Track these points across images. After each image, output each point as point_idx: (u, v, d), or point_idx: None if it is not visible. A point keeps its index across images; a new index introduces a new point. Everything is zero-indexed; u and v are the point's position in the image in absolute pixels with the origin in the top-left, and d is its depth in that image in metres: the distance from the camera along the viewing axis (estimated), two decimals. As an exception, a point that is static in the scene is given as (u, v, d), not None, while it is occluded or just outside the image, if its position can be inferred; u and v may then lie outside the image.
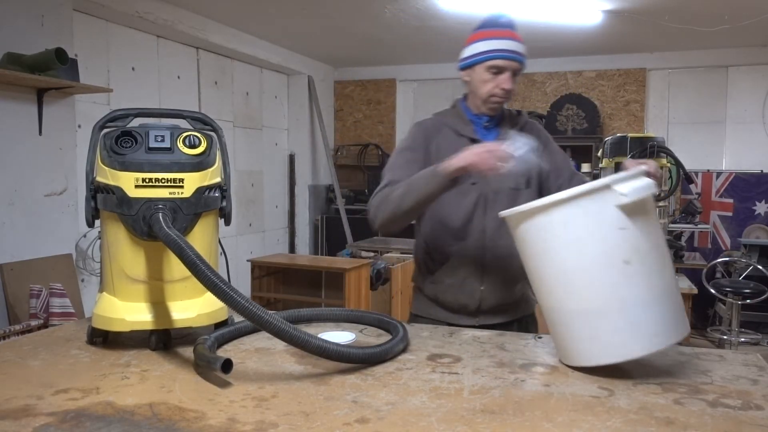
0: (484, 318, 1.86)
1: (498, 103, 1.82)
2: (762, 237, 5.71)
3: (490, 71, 1.78)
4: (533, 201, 1.29)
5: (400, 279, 4.70)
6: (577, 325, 1.26)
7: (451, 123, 1.89)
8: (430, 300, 1.92)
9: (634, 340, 1.21)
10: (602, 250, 1.22)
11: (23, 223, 3.46)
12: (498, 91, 1.79)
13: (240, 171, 5.92)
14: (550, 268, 1.28)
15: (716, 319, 5.46)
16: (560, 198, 1.23)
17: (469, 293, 1.84)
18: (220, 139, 1.48)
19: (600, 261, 1.22)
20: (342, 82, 7.51)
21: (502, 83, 1.77)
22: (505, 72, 1.77)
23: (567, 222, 1.23)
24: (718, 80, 6.20)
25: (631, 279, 1.21)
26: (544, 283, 1.31)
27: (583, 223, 1.22)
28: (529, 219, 1.28)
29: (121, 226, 1.36)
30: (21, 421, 1.00)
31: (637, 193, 1.19)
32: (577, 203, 1.22)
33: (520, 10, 4.73)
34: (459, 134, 1.86)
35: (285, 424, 0.99)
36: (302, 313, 1.63)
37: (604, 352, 1.23)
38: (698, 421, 1.02)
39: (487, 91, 1.80)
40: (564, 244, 1.24)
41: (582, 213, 1.22)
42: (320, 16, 5.01)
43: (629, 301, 1.21)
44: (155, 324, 1.38)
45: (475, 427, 0.99)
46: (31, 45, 3.38)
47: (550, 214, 1.24)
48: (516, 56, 1.77)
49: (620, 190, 1.19)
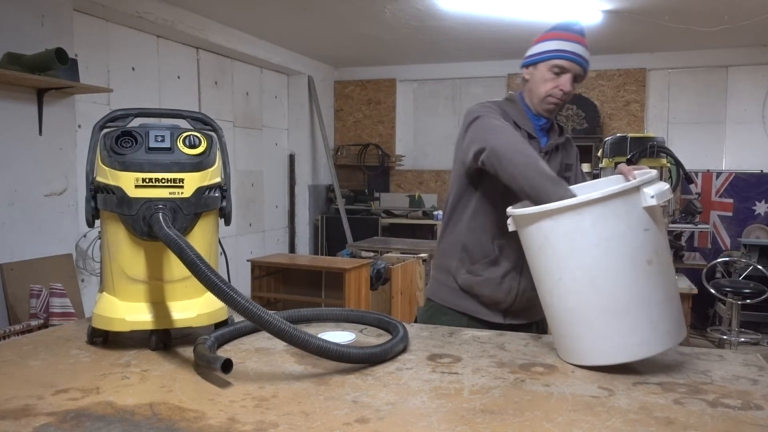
0: (512, 317, 1.88)
1: (554, 104, 1.82)
2: (762, 237, 5.71)
3: (553, 71, 1.78)
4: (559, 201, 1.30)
5: (400, 279, 4.70)
6: (597, 324, 1.27)
7: (511, 113, 1.85)
8: (462, 291, 1.90)
9: (651, 338, 1.25)
10: (628, 250, 1.24)
11: (23, 223, 3.46)
12: (557, 92, 1.79)
13: (240, 171, 5.92)
14: (575, 266, 1.28)
15: (716, 319, 5.46)
16: (593, 198, 1.25)
17: (506, 290, 1.85)
18: (220, 139, 1.48)
19: (625, 261, 1.24)
20: (342, 82, 7.51)
21: (562, 84, 1.78)
22: (567, 73, 1.78)
23: (596, 222, 1.24)
24: (718, 80, 6.20)
25: (651, 279, 1.25)
26: (563, 282, 1.30)
27: (613, 223, 1.24)
28: (556, 217, 1.28)
29: (121, 226, 1.36)
30: (21, 421, 1.00)
31: (663, 196, 1.23)
32: (608, 204, 1.23)
33: (520, 10, 4.73)
34: (518, 126, 1.83)
35: (285, 424, 0.99)
36: (302, 313, 1.63)
37: (621, 351, 1.25)
38: (698, 421, 1.02)
39: (546, 90, 1.80)
40: (592, 243, 1.25)
41: (612, 213, 1.24)
42: (320, 16, 5.01)
43: (650, 300, 1.25)
44: (155, 324, 1.38)
45: (475, 427, 0.99)
46: (31, 45, 3.38)
47: (580, 213, 1.25)
48: (581, 60, 1.78)
49: (648, 192, 1.22)
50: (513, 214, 1.39)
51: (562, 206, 1.27)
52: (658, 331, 1.25)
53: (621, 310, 1.25)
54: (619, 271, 1.25)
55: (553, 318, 1.36)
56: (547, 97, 1.80)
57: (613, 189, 1.25)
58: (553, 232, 1.29)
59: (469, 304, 1.90)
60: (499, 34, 5.29)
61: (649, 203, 1.22)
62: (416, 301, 4.92)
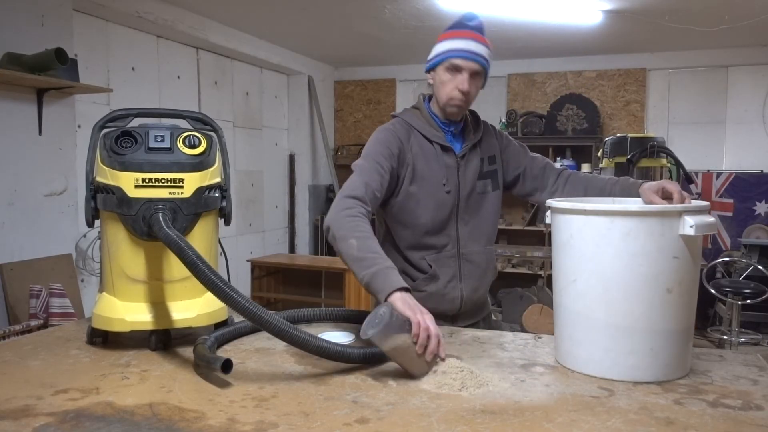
0: (461, 321, 1.84)
1: (457, 106, 1.73)
2: (762, 237, 5.71)
3: (449, 72, 1.71)
4: (593, 200, 1.28)
5: (400, 279, 4.69)
6: (599, 334, 1.25)
7: (420, 127, 1.78)
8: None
9: (648, 365, 1.22)
10: (650, 272, 1.21)
11: (23, 223, 3.46)
12: (456, 93, 1.70)
13: (240, 171, 5.92)
14: (592, 272, 1.26)
15: (716, 319, 5.46)
16: (629, 209, 1.24)
17: (450, 300, 1.79)
18: (220, 139, 1.48)
19: (644, 282, 1.22)
20: (342, 82, 7.51)
21: (459, 83, 1.69)
22: (462, 72, 1.69)
23: (626, 234, 1.21)
24: (718, 80, 6.20)
25: (666, 307, 1.22)
26: (576, 285, 1.29)
27: (643, 241, 1.21)
28: (587, 218, 1.27)
29: (121, 226, 1.36)
30: (21, 421, 1.00)
31: (704, 229, 1.19)
32: (643, 220, 1.21)
33: (520, 11, 4.73)
34: (430, 140, 1.77)
35: (285, 424, 0.99)
36: (302, 313, 1.63)
37: (614, 368, 1.23)
38: (698, 421, 1.02)
39: (446, 92, 1.72)
40: (616, 254, 1.22)
41: (645, 231, 1.21)
42: (320, 16, 5.01)
43: (658, 328, 1.22)
44: (155, 324, 1.38)
45: (475, 427, 0.99)
46: (31, 45, 3.38)
47: (613, 220, 1.23)
48: (474, 57, 1.69)
49: (689, 220, 1.19)
50: (551, 206, 1.38)
51: (597, 209, 1.26)
52: (657, 360, 1.22)
53: (625, 328, 1.23)
54: (635, 289, 1.22)
55: (558, 317, 1.35)
56: (449, 99, 1.72)
57: (655, 207, 1.24)
58: (580, 232, 1.28)
59: None
60: (499, 34, 5.29)
61: (686, 232, 1.19)
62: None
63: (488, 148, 1.85)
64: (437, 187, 1.74)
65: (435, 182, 1.74)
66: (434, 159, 1.75)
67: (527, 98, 6.75)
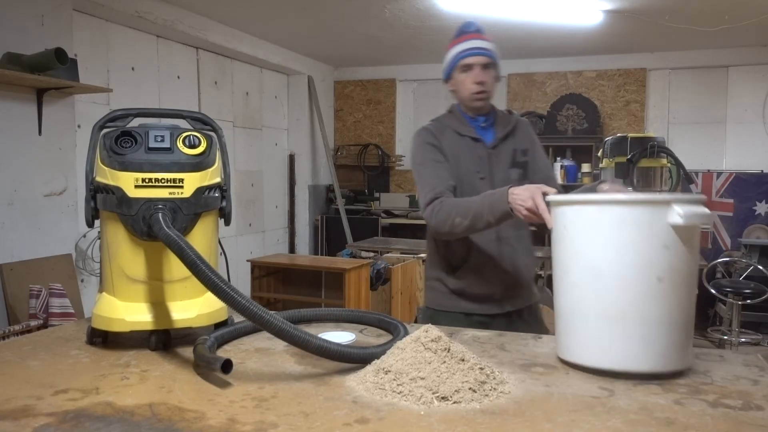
0: (508, 303, 1.98)
1: (479, 98, 1.94)
2: (762, 237, 5.70)
3: (463, 72, 1.93)
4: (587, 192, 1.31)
5: (400, 279, 4.70)
6: (592, 324, 1.26)
7: (452, 125, 2.01)
8: (455, 294, 2.01)
9: (642, 354, 1.22)
10: (640, 261, 1.22)
11: (23, 223, 3.46)
12: (474, 87, 1.92)
13: (240, 171, 5.92)
14: (584, 262, 1.27)
15: (716, 320, 5.46)
16: (616, 198, 1.26)
17: (493, 283, 1.96)
18: (220, 139, 1.48)
19: (635, 271, 1.22)
20: (342, 82, 7.51)
21: (474, 77, 1.91)
22: (474, 67, 1.92)
23: (614, 223, 1.23)
24: (718, 80, 6.20)
25: (658, 297, 1.22)
26: (570, 276, 1.30)
27: (630, 229, 1.22)
28: (576, 208, 1.29)
29: (120, 226, 1.36)
30: (20, 421, 1.00)
31: (694, 218, 1.19)
32: (630, 209, 1.22)
33: (520, 11, 4.73)
34: (460, 134, 1.99)
35: (285, 424, 0.99)
36: (302, 313, 1.63)
37: (608, 357, 1.24)
38: (698, 421, 1.02)
39: (466, 89, 1.94)
40: (605, 243, 1.24)
41: (633, 220, 1.22)
42: (320, 16, 5.01)
43: (650, 317, 1.22)
44: (155, 324, 1.38)
45: (475, 427, 0.99)
46: (31, 45, 3.38)
47: (601, 210, 1.25)
48: (480, 51, 1.91)
49: (679, 210, 1.19)
50: (548, 200, 1.43)
51: (585, 199, 1.29)
52: (651, 349, 1.22)
53: (615, 316, 1.23)
54: (625, 277, 1.23)
55: (556, 309, 1.37)
56: (470, 94, 1.94)
57: (642, 197, 1.26)
58: (573, 224, 1.30)
59: (465, 304, 2.01)
60: (499, 34, 5.27)
61: (674, 221, 1.19)
62: (416, 301, 4.92)
63: (522, 141, 2.03)
64: (472, 174, 1.94)
65: (470, 171, 1.95)
66: (467, 150, 1.97)
67: (527, 98, 6.75)
